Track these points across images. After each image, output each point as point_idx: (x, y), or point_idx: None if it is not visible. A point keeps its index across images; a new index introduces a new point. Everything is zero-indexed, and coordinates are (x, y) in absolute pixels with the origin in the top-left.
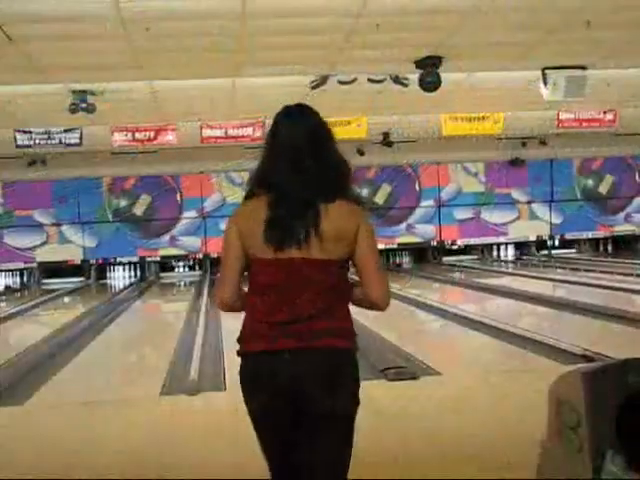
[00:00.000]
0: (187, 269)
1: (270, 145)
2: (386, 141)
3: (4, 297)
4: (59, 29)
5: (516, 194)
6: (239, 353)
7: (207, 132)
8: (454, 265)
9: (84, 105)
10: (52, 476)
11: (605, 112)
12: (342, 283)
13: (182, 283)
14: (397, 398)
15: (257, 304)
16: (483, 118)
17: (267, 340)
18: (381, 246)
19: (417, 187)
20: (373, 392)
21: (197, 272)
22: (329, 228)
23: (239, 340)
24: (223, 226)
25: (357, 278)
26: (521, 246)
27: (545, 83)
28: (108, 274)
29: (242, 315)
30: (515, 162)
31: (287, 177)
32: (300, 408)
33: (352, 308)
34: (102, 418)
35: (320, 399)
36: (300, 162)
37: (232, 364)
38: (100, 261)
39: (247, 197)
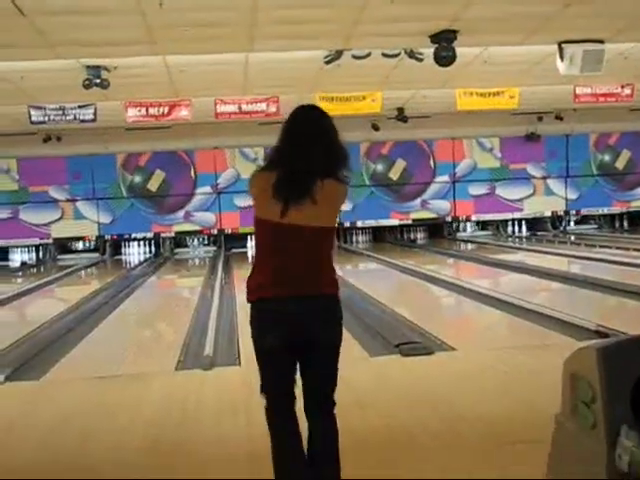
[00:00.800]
0: (202, 245)
1: (286, 134)
2: (401, 116)
3: (20, 273)
4: (72, 4)
5: (531, 169)
6: (250, 300)
7: (221, 107)
8: (468, 241)
9: (98, 81)
10: (66, 450)
11: (622, 86)
12: (329, 245)
13: (197, 259)
14: (411, 373)
15: (266, 262)
16: (498, 93)
17: (275, 289)
18: (395, 222)
19: (432, 163)
20: (387, 367)
21: (212, 248)
22: (321, 197)
23: (250, 290)
24: (237, 202)
25: None
26: (536, 222)
27: (561, 57)
28: (123, 250)
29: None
30: (531, 137)
31: (297, 158)
32: (302, 340)
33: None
34: (117, 392)
35: (318, 332)
36: (308, 149)
37: (246, 339)
38: (115, 237)
39: (263, 169)
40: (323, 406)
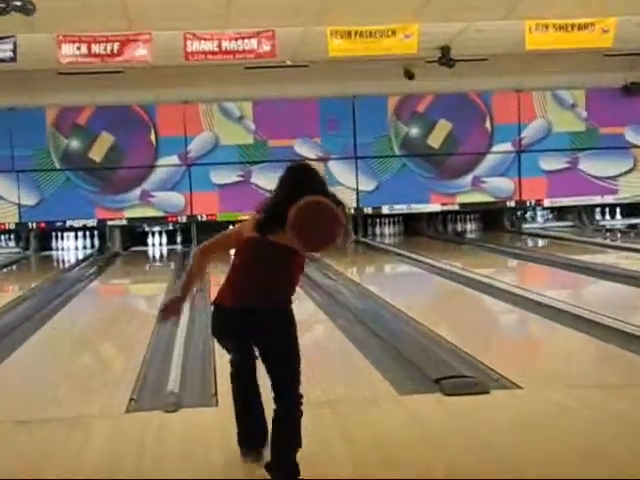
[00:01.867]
0: (165, 237)
1: (284, 187)
2: (445, 59)
3: None
4: None
5: (631, 135)
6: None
7: (193, 45)
8: (539, 235)
9: (18, 3)
10: None
11: None
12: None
13: (158, 256)
14: (456, 419)
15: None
16: (585, 25)
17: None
18: (437, 207)
19: (488, 125)
20: (423, 410)
21: (178, 241)
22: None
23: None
24: (215, 178)
25: None
26: (636, 209)
27: None
28: (54, 244)
29: None
30: (630, 90)
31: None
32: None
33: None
34: (44, 443)
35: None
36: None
37: (224, 370)
38: (42, 225)
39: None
40: (281, 394)
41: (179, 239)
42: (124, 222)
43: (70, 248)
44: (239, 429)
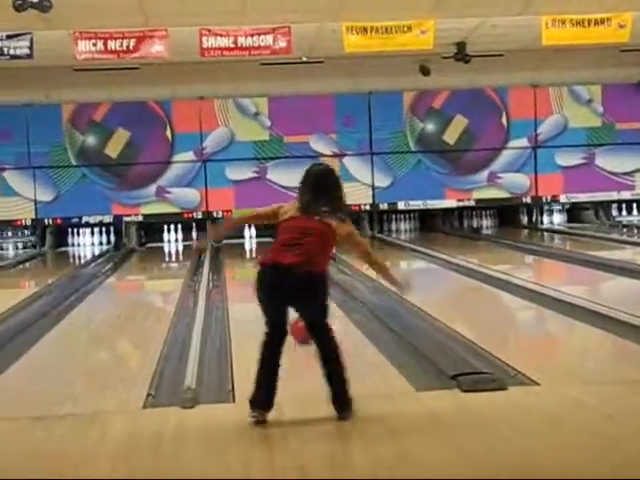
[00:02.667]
0: (181, 233)
1: (304, 186)
2: (461, 55)
3: None
4: None
5: None
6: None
7: (209, 41)
8: (557, 231)
9: (35, 0)
10: None
11: None
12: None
13: (174, 253)
14: (473, 416)
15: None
16: (602, 21)
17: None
18: (453, 203)
19: (504, 120)
20: (440, 406)
21: (194, 237)
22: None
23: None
24: (230, 174)
25: None
26: None
27: None
28: (70, 240)
29: (253, 298)
30: None
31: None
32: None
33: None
34: (61, 439)
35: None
36: (318, 196)
37: (241, 366)
38: (59, 221)
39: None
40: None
41: (194, 235)
42: (140, 218)
43: (86, 244)
44: (254, 389)
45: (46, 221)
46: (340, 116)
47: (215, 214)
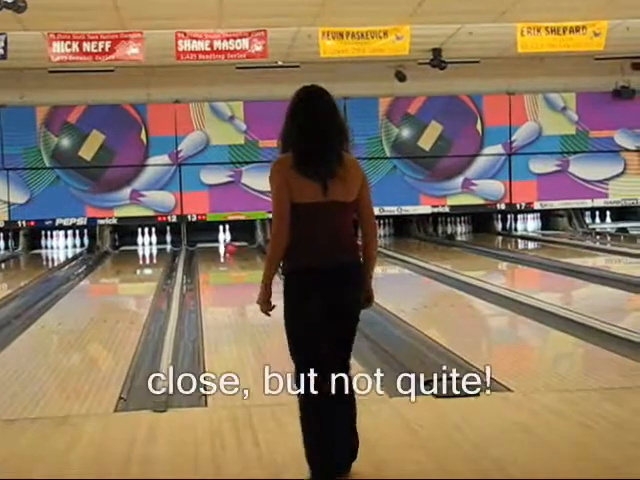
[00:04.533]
0: (155, 236)
1: (294, 114)
2: (437, 61)
3: None
4: None
5: (621, 139)
6: (288, 270)
7: (185, 44)
8: (531, 238)
9: (9, 0)
10: None
11: None
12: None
13: (148, 256)
14: (446, 421)
15: (302, 239)
16: (577, 29)
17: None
18: (427, 209)
19: (479, 127)
20: (413, 412)
21: (168, 240)
22: (344, 172)
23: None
24: (205, 178)
25: None
26: (626, 213)
27: None
28: (44, 242)
29: (226, 303)
30: (621, 93)
31: (312, 137)
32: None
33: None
34: (31, 442)
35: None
36: (319, 126)
37: (214, 370)
38: (32, 224)
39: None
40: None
41: (169, 239)
42: (114, 221)
43: (60, 247)
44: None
45: (19, 223)
46: None
47: (190, 217)
